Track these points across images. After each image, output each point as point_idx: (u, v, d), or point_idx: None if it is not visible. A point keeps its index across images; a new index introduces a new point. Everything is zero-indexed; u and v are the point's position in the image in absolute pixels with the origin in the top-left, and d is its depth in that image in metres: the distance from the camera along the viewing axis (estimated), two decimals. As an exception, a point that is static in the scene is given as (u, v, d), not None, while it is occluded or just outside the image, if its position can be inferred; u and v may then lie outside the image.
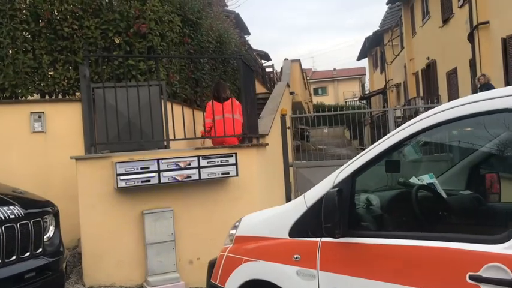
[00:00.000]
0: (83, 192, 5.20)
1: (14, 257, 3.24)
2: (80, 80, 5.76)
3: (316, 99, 45.79)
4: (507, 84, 11.93)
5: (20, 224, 3.32)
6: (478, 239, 2.29)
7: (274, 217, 3.35)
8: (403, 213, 2.95)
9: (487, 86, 11.71)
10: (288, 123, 9.69)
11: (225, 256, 3.61)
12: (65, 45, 6.33)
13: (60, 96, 6.39)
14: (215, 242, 5.58)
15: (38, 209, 3.65)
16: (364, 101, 35.64)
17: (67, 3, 6.27)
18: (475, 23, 13.63)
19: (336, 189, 2.73)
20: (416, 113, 16.27)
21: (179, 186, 5.42)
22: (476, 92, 11.35)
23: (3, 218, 3.19)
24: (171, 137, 5.88)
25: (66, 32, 6.28)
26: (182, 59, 7.78)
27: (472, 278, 2.18)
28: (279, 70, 20.63)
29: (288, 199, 10.17)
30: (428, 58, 19.93)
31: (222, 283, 3.55)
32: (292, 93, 15.48)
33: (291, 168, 10.08)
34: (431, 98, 18.01)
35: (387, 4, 23.69)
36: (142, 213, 5.31)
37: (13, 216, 3.27)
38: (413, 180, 3.32)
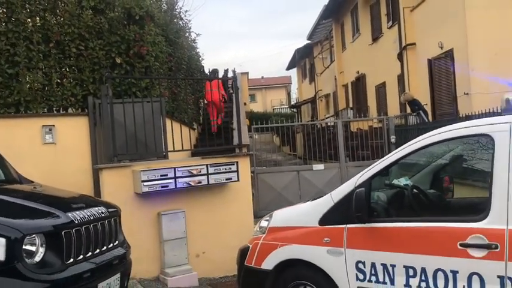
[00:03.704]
0: (107, 197, 5.92)
1: (105, 247, 4.03)
2: (102, 97, 6.47)
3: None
4: (433, 97, 13.82)
5: (107, 221, 4.11)
6: (464, 219, 3.49)
7: (305, 211, 4.41)
8: (405, 205, 4.14)
9: (414, 102, 13.58)
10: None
11: (260, 243, 4.58)
12: (72, 64, 6.97)
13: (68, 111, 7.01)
14: (217, 237, 6.57)
15: (114, 209, 4.43)
16: (295, 109, 37.55)
17: (74, 26, 6.92)
18: (403, 44, 15.49)
19: (363, 188, 3.84)
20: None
21: (188, 190, 6.31)
22: (404, 105, 13.27)
23: (98, 216, 3.98)
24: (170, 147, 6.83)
25: (73, 52, 6.93)
26: (168, 76, 8.62)
27: (461, 245, 3.35)
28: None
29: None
30: (358, 72, 21.80)
31: (258, 264, 4.52)
32: (244, 103, 16.63)
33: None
34: (361, 109, 19.92)
35: (319, 20, 25.46)
36: (158, 214, 6.13)
37: (103, 215, 4.06)
38: (395, 182, 4.53)
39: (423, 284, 3.52)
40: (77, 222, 3.67)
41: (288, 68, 40.59)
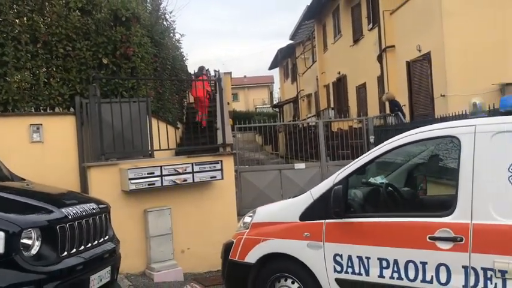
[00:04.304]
0: (95, 195, 6.07)
1: (96, 242, 4.23)
2: (90, 97, 6.63)
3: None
4: (411, 98, 14.22)
5: (98, 217, 4.31)
6: (433, 215, 3.78)
7: (287, 207, 4.67)
8: (379, 202, 4.42)
9: (394, 102, 13.98)
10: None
11: (243, 238, 4.81)
12: (59, 64, 7.10)
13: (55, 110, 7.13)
14: (201, 233, 6.79)
15: (104, 205, 4.63)
16: (277, 109, 37.88)
17: (61, 27, 7.06)
18: (383, 46, 15.87)
19: (341, 186, 4.10)
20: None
21: (174, 188, 6.51)
22: (383, 106, 13.80)
23: (90, 212, 4.17)
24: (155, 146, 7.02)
25: (60, 52, 7.07)
26: (154, 77, 8.79)
27: (430, 238, 3.64)
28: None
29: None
30: (339, 72, 22.17)
31: (242, 258, 4.75)
32: (228, 103, 16.83)
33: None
34: (342, 109, 20.30)
35: (302, 21, 25.78)
36: (145, 211, 6.32)
37: (94, 211, 4.26)
38: (372, 180, 4.80)
39: (395, 275, 3.80)
40: (70, 217, 3.87)
41: (271, 68, 40.90)
